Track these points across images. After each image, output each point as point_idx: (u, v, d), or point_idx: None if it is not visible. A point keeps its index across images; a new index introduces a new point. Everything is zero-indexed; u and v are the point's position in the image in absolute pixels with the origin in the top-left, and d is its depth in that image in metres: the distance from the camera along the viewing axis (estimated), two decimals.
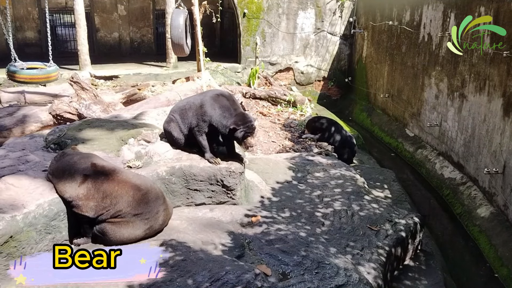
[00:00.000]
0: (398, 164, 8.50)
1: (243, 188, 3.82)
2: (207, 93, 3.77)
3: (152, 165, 3.69)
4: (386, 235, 3.68)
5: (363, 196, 4.35)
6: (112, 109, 6.65)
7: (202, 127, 3.60)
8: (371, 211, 4.02)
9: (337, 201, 4.12)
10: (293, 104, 9.82)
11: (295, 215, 3.78)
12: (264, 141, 7.30)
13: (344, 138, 7.10)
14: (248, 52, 12.20)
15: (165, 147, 3.88)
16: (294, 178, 4.65)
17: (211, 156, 3.69)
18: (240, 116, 3.47)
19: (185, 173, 3.58)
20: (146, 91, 8.28)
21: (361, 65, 12.09)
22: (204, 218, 3.38)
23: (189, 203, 3.67)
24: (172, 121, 3.80)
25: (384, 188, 5.81)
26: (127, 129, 4.09)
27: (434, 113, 7.97)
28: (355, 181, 4.76)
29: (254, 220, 3.48)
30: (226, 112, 3.51)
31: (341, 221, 3.77)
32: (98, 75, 10.81)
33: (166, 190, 3.53)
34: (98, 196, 2.82)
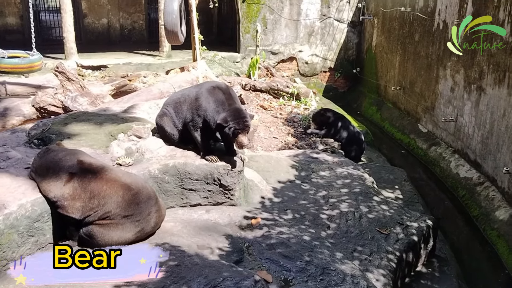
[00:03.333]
0: (410, 162, 8.49)
1: (242, 187, 3.83)
2: (203, 85, 3.77)
3: (144, 162, 3.69)
4: (396, 239, 3.70)
5: (372, 197, 4.37)
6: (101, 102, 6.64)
7: (197, 122, 3.60)
8: (381, 213, 4.04)
9: (343, 202, 4.14)
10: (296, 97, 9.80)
11: (298, 217, 3.79)
12: (265, 137, 7.31)
13: (351, 134, 7.09)
14: (248, 40, 12.16)
15: (158, 143, 3.88)
16: (298, 177, 4.66)
17: (208, 153, 3.68)
18: (232, 111, 3.45)
19: (179, 172, 3.58)
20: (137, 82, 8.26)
21: (370, 55, 12.05)
22: (200, 220, 3.39)
23: (183, 204, 3.68)
24: (165, 115, 3.80)
25: (395, 189, 5.82)
26: (117, 124, 4.09)
27: (450, 107, 7.95)
28: (363, 180, 4.78)
29: (254, 222, 3.49)
30: (220, 106, 3.51)
31: (348, 224, 3.78)
32: (85, 64, 10.79)
33: (159, 189, 3.54)
34: (85, 196, 2.81)
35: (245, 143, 3.47)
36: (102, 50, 12.31)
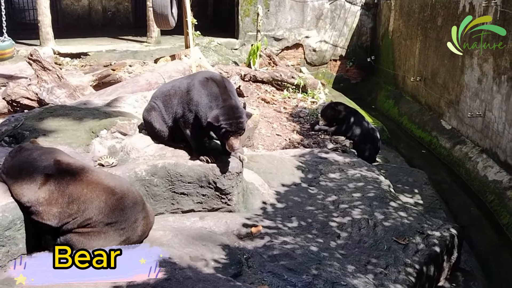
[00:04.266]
0: (431, 163, 8.49)
1: (240, 191, 3.84)
2: (196, 76, 3.77)
3: (130, 163, 3.70)
4: (416, 250, 3.70)
5: (388, 202, 4.38)
6: (80, 94, 6.65)
7: (189, 117, 3.60)
8: (398, 220, 4.05)
9: (356, 208, 4.14)
10: (302, 89, 9.79)
11: (304, 225, 3.80)
12: (266, 135, 7.31)
13: (365, 131, 7.09)
14: (247, 24, 12.16)
15: (145, 141, 3.89)
16: (304, 179, 4.66)
17: (202, 152, 3.69)
18: (225, 109, 3.45)
19: (169, 173, 3.58)
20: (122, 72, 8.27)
21: (386, 41, 12.03)
22: (193, 228, 3.39)
23: (174, 210, 3.69)
24: (153, 110, 3.81)
25: (414, 193, 5.82)
26: (99, 119, 4.10)
27: (477, 101, 7.95)
28: (378, 184, 4.78)
29: (254, 231, 3.50)
30: (213, 101, 3.51)
31: (361, 233, 3.79)
32: (63, 52, 10.79)
33: (147, 193, 3.54)
34: (63, 200, 2.82)
35: (235, 147, 3.47)
36: (82, 36, 12.30)
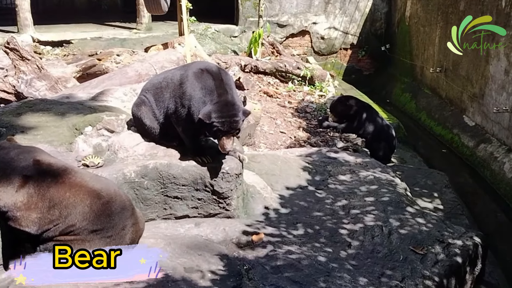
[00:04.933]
0: (452, 163, 8.49)
1: (240, 195, 3.85)
2: (190, 67, 3.78)
3: (117, 163, 3.71)
4: (435, 260, 3.70)
5: (404, 207, 4.39)
6: (63, 87, 6.66)
7: (182, 113, 3.61)
8: (416, 228, 4.05)
9: (369, 214, 4.15)
10: (309, 81, 9.80)
11: (311, 232, 3.80)
12: (269, 132, 7.32)
13: (379, 128, 7.11)
14: (248, 9, 12.14)
15: (135, 139, 3.90)
16: (311, 182, 4.67)
17: (197, 151, 3.69)
18: (220, 105, 3.44)
19: (161, 175, 3.59)
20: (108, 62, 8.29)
21: (403, 28, 12.01)
22: (188, 236, 3.40)
23: (167, 216, 3.70)
24: (143, 104, 3.81)
25: (434, 197, 5.83)
26: (83, 114, 4.10)
27: (503, 94, 7.92)
28: (393, 187, 4.79)
29: (255, 239, 3.51)
30: (207, 96, 3.51)
31: (374, 241, 3.79)
32: (43, 39, 10.79)
33: (136, 197, 3.56)
34: (43, 205, 2.81)
35: (227, 148, 3.49)
36: (64, 22, 12.29)
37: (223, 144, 3.48)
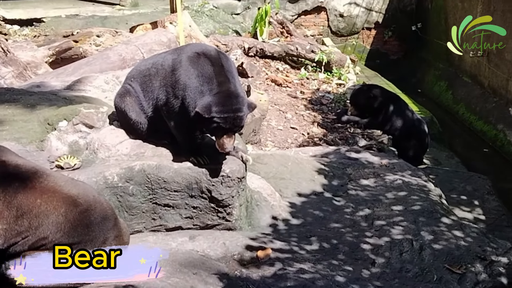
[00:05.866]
0: (496, 165, 8.56)
1: (243, 203, 3.87)
2: (184, 50, 3.78)
3: (97, 164, 3.74)
4: (475, 281, 3.72)
5: (439, 218, 4.42)
6: (33, 74, 6.66)
7: (175, 105, 3.63)
8: (452, 242, 4.07)
9: (396, 226, 4.18)
10: (326, 67, 9.80)
11: (328, 247, 3.82)
12: (278, 127, 7.35)
13: (409, 123, 7.13)
14: None
15: (118, 136, 3.93)
16: (327, 187, 4.71)
17: (192, 151, 3.71)
18: (221, 96, 3.44)
19: (149, 179, 3.60)
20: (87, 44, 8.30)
21: (437, 4, 12.02)
22: (181, 252, 3.40)
23: (156, 227, 3.73)
24: (128, 94, 3.84)
25: (474, 206, 5.86)
26: (57, 106, 4.12)
27: None
28: (426, 193, 4.81)
29: (261, 255, 3.52)
30: (206, 84, 3.50)
31: (402, 259, 3.83)
32: (9, 17, 10.77)
33: (120, 205, 3.59)
34: (10, 214, 2.82)
35: (226, 148, 3.53)
36: None
37: (222, 144, 3.49)
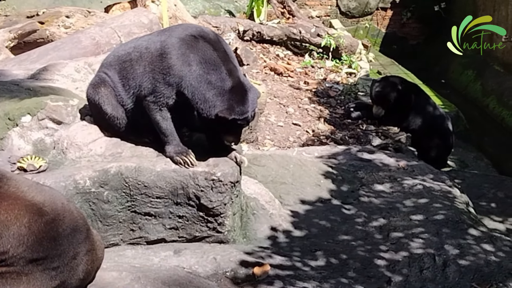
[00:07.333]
0: None
1: (237, 211, 3.85)
2: (174, 32, 3.77)
3: (67, 166, 3.72)
4: None
5: (465, 229, 4.39)
6: None
7: (164, 94, 3.61)
8: (481, 257, 4.05)
9: (416, 239, 4.15)
10: (334, 53, 9.78)
11: (336, 263, 3.80)
12: (278, 123, 7.34)
13: (431, 118, 7.13)
14: None
15: (91, 133, 3.91)
16: (335, 194, 4.68)
17: (179, 150, 3.69)
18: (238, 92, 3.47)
19: (128, 183, 3.60)
20: (55, 26, 8.27)
21: None
22: (164, 268, 3.39)
23: (135, 240, 3.71)
24: (103, 85, 3.82)
25: (506, 215, 5.79)
26: (19, 99, 4.09)
27: None
28: (451, 200, 4.79)
29: (258, 272, 3.52)
30: (213, 73, 3.51)
31: (423, 276, 3.80)
32: None
33: (93, 214, 3.56)
34: None
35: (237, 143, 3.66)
36: None
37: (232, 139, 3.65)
